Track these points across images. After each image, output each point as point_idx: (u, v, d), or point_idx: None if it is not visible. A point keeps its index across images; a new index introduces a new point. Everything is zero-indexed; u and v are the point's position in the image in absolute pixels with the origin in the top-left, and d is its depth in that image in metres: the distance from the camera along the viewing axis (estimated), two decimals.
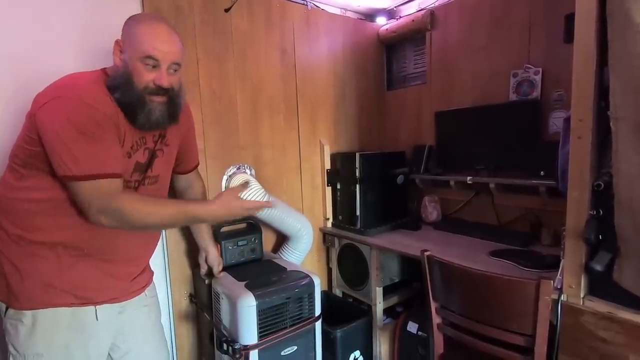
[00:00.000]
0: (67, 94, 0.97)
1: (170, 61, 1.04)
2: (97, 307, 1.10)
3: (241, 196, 1.18)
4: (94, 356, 1.11)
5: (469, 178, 1.90)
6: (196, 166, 1.46)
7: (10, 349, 1.05)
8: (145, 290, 1.27)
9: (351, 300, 2.11)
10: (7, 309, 1.05)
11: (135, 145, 1.10)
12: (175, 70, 1.08)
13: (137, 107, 1.03)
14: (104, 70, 1.09)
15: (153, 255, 1.31)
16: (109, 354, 1.19)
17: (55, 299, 1.04)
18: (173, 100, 1.09)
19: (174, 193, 1.46)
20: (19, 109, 1.15)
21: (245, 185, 1.14)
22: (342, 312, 1.97)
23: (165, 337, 1.37)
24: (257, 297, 1.38)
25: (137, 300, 1.23)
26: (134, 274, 1.21)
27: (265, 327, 1.40)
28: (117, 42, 1.06)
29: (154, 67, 1.03)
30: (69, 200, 1.01)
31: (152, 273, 1.34)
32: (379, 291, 1.88)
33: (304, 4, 2.06)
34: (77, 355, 1.07)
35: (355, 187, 1.99)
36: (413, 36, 2.29)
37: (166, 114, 1.09)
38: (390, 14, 2.40)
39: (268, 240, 1.99)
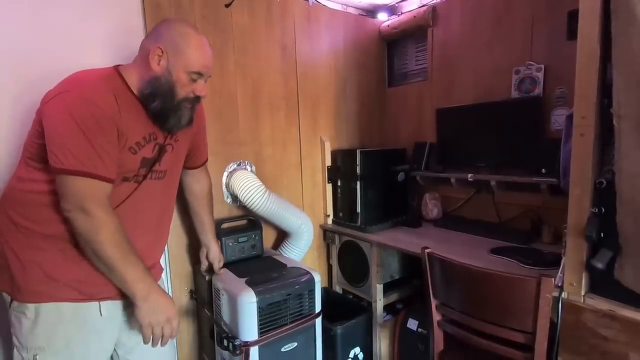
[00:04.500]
0: (73, 90, 0.99)
1: (209, 75, 1.16)
2: (101, 302, 1.09)
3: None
4: (96, 351, 1.11)
5: (469, 175, 1.90)
6: (205, 161, 1.50)
7: (15, 340, 1.06)
8: None
9: (351, 297, 2.11)
10: (11, 300, 1.06)
11: (142, 140, 1.11)
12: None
13: (171, 113, 1.12)
14: (115, 67, 1.10)
15: None
16: (115, 350, 1.19)
17: (58, 293, 1.04)
18: (195, 106, 1.18)
19: (181, 188, 1.46)
20: (26, 106, 1.16)
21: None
22: (342, 309, 1.98)
23: None
24: (257, 294, 1.38)
25: None
26: None
27: (266, 323, 1.41)
28: (159, 47, 1.06)
29: (197, 80, 1.13)
30: None
31: (161, 269, 1.34)
32: (379, 288, 1.88)
33: (304, 0, 2.05)
34: (79, 350, 1.07)
35: (356, 184, 1.99)
36: (414, 32, 2.27)
37: (190, 118, 1.18)
38: (392, 10, 2.38)
39: (268, 236, 1.99)
